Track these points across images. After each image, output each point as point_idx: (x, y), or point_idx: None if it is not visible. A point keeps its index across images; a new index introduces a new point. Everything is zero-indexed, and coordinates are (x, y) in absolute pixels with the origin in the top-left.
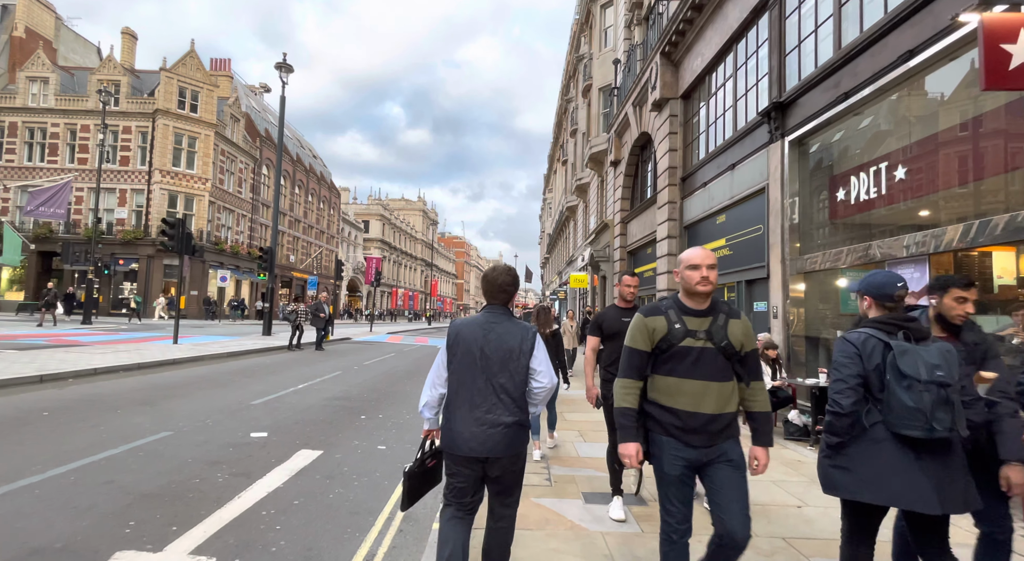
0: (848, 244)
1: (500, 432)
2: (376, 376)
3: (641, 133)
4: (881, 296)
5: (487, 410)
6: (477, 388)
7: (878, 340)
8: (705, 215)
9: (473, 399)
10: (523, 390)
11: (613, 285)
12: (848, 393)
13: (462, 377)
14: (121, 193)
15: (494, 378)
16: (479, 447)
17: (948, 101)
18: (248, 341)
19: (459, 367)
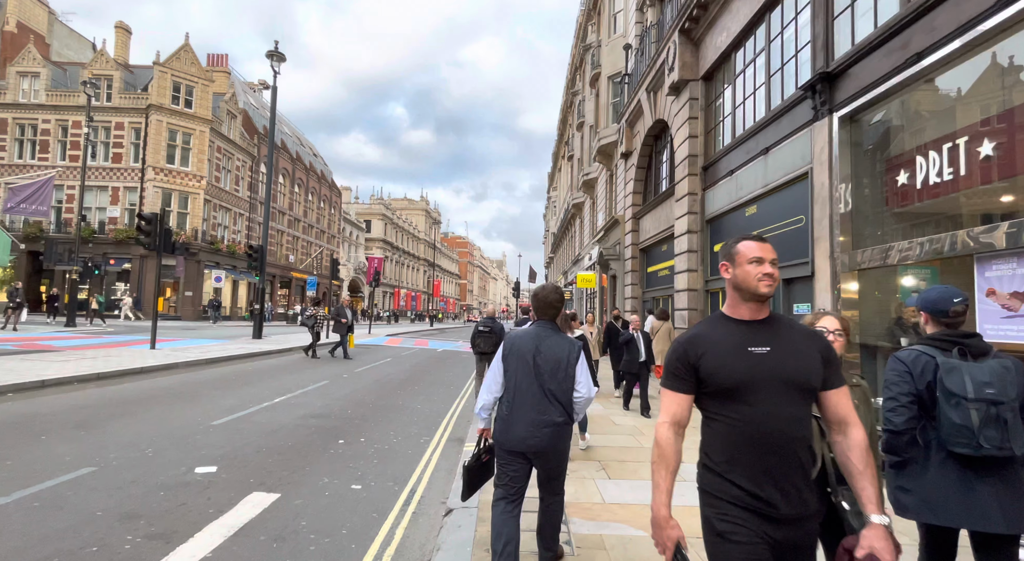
0: (915, 235)
1: (550, 430)
2: (366, 386)
3: (656, 121)
4: (936, 312)
5: (540, 412)
6: (531, 392)
7: (929, 357)
8: (732, 207)
9: (527, 401)
10: (570, 396)
11: (624, 285)
12: (901, 411)
13: (518, 382)
14: (114, 191)
15: (545, 384)
16: (532, 443)
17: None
18: (234, 345)
19: (514, 374)
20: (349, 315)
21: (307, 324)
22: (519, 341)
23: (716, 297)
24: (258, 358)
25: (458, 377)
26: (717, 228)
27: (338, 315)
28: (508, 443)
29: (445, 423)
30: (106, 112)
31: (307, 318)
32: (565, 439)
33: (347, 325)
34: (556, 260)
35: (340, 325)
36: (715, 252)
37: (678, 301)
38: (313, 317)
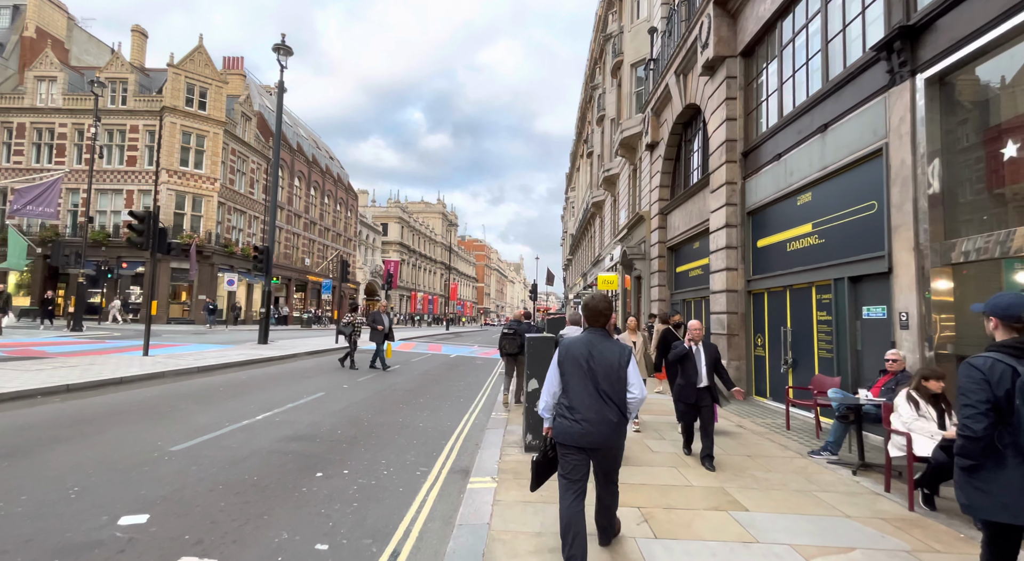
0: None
1: (607, 427)
2: (366, 399)
3: (686, 106)
4: (1008, 318)
5: (596, 411)
6: (587, 393)
7: (1006, 365)
8: (780, 195)
9: (584, 402)
10: (624, 396)
11: (650, 287)
12: (979, 418)
13: (574, 384)
14: (128, 194)
15: (600, 385)
16: (590, 439)
17: None
18: (235, 351)
19: (570, 377)
20: (386, 321)
21: (344, 332)
22: (573, 347)
23: (760, 299)
24: (257, 365)
25: (469, 387)
26: (761, 221)
27: (374, 321)
28: (568, 439)
29: (449, 447)
30: (120, 115)
31: (344, 325)
32: (620, 436)
33: (383, 332)
34: (575, 262)
35: (376, 332)
36: (758, 248)
37: (715, 303)
38: (351, 324)
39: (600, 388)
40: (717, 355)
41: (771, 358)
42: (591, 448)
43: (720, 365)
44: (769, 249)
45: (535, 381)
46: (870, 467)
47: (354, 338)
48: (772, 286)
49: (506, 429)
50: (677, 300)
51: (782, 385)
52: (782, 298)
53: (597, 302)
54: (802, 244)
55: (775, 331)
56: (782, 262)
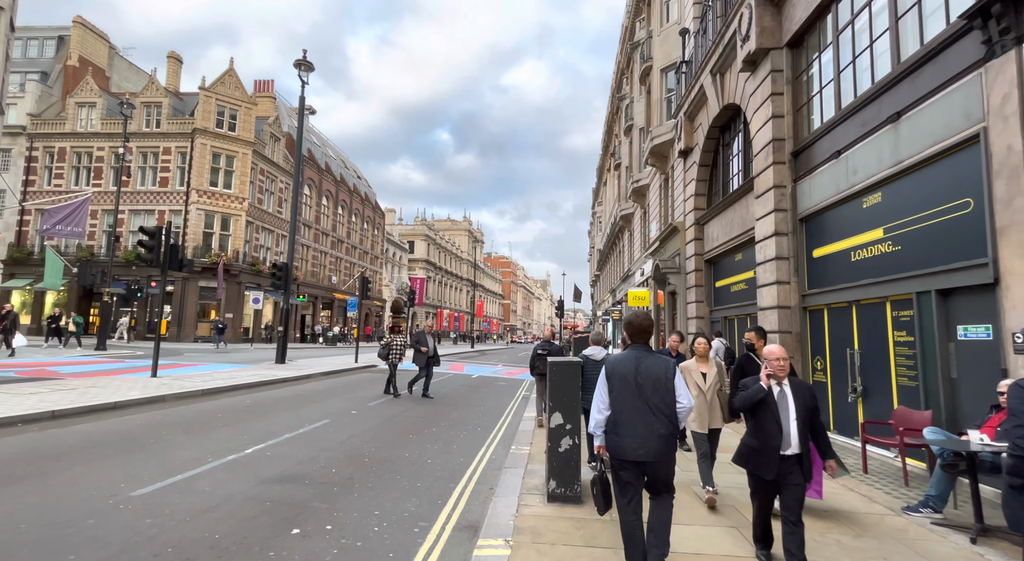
0: None
1: (658, 441)
2: (372, 428)
3: (724, 108)
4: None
5: (647, 425)
6: (637, 408)
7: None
8: (840, 198)
9: (634, 417)
10: (674, 408)
11: (687, 303)
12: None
13: (623, 400)
14: (160, 214)
15: (649, 400)
16: (642, 453)
17: None
18: (248, 372)
19: (619, 393)
20: (431, 343)
21: (382, 355)
22: (620, 364)
23: (818, 317)
24: (266, 388)
25: (489, 413)
26: (817, 227)
27: (417, 342)
28: (621, 454)
29: (458, 492)
30: (154, 138)
31: (383, 347)
32: (672, 447)
33: (427, 355)
34: (603, 278)
35: (419, 354)
36: (814, 258)
37: (764, 322)
38: (389, 346)
39: (649, 402)
40: (814, 402)
41: (834, 385)
42: (643, 462)
43: (817, 419)
44: (828, 260)
45: (559, 414)
46: (992, 532)
47: (393, 361)
48: (834, 302)
49: (526, 469)
50: (717, 317)
51: (849, 417)
52: (846, 315)
53: (640, 319)
54: (871, 252)
55: (839, 353)
56: (845, 274)
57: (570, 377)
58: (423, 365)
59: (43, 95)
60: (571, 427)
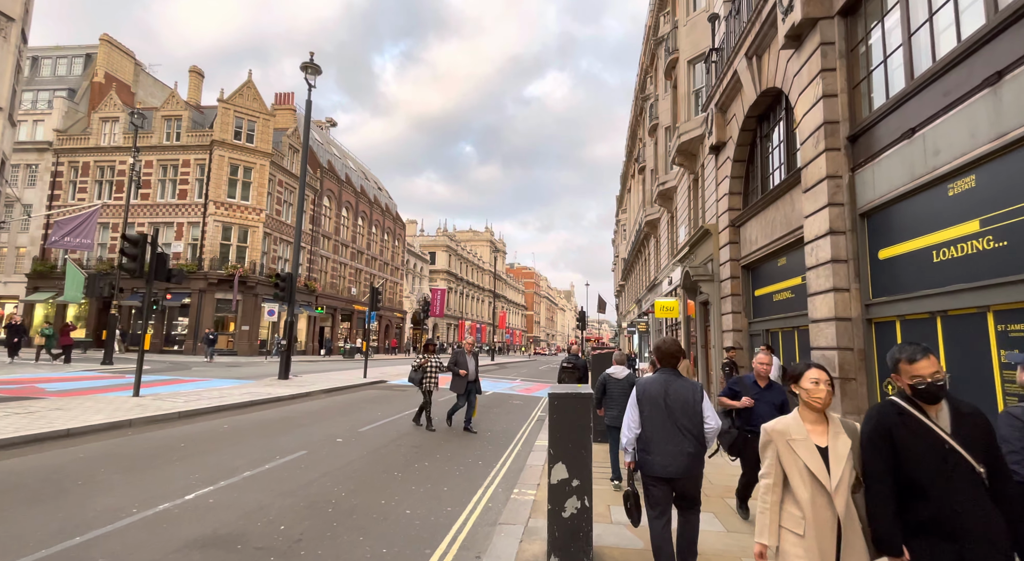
0: None
1: (686, 459)
2: (352, 463)
3: (762, 94)
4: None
5: (676, 444)
6: (666, 429)
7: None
8: (916, 186)
9: (664, 436)
10: (701, 429)
11: (721, 314)
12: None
13: (653, 421)
14: (179, 227)
15: (678, 421)
16: (671, 470)
17: None
18: (241, 390)
19: (649, 414)
20: (472, 365)
21: (414, 380)
22: (650, 387)
23: (888, 331)
24: (255, 408)
25: (495, 440)
26: (883, 223)
27: (456, 364)
28: (652, 471)
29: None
30: (174, 150)
31: (415, 370)
32: (700, 465)
33: (467, 379)
34: (627, 288)
35: (458, 380)
36: (881, 260)
37: (817, 336)
38: (422, 369)
39: (678, 423)
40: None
41: None
42: (672, 479)
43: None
44: (900, 261)
45: (562, 466)
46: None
47: (428, 387)
48: (909, 312)
49: (526, 527)
50: (757, 330)
51: None
52: (928, 329)
53: (668, 345)
54: (962, 250)
55: None
56: (925, 278)
57: (578, 415)
58: (463, 392)
59: (69, 111)
60: (579, 483)
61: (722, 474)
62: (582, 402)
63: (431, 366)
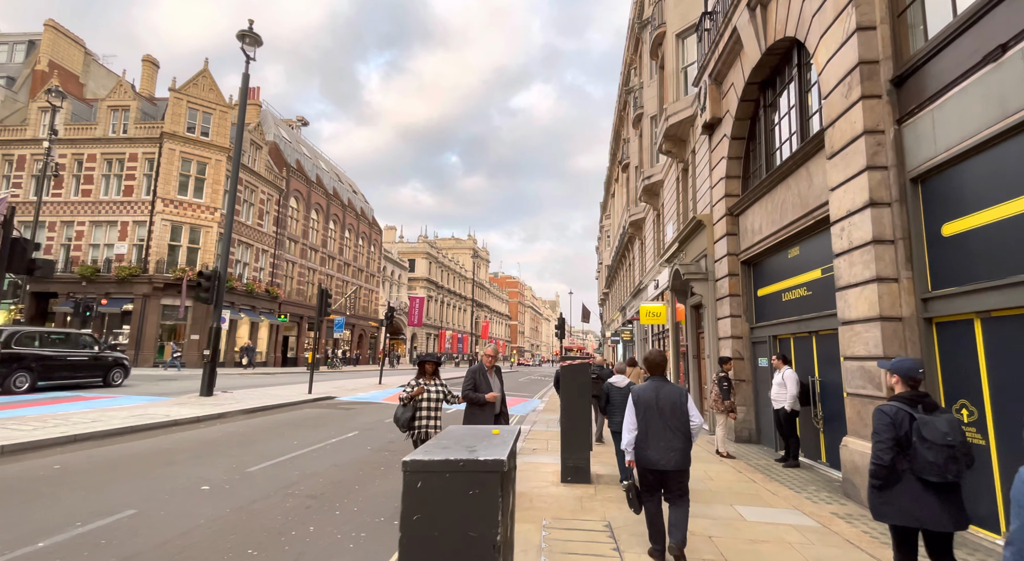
0: None
1: (676, 454)
2: (185, 534)
3: (768, 51)
4: (907, 377)
5: (667, 441)
6: (659, 428)
7: (905, 412)
8: (1007, 128)
9: (656, 434)
10: (688, 427)
11: (716, 318)
12: (887, 451)
13: (648, 422)
14: (123, 226)
15: (668, 421)
16: (663, 464)
17: None
18: (132, 413)
19: (644, 416)
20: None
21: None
22: (644, 393)
23: (958, 333)
24: (130, 437)
25: None
26: (946, 188)
27: (475, 388)
28: (646, 464)
29: None
30: (120, 143)
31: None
32: (687, 461)
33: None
34: (611, 295)
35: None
36: (944, 238)
37: (852, 343)
38: (414, 402)
39: (668, 423)
40: None
41: (1004, 450)
42: (664, 470)
43: None
44: (974, 239)
45: None
46: None
47: (423, 433)
48: (996, 308)
49: None
50: (762, 337)
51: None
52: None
53: (655, 357)
54: None
55: (1010, 395)
56: (1020, 260)
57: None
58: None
59: (6, 100)
60: None
61: None
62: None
63: (430, 396)
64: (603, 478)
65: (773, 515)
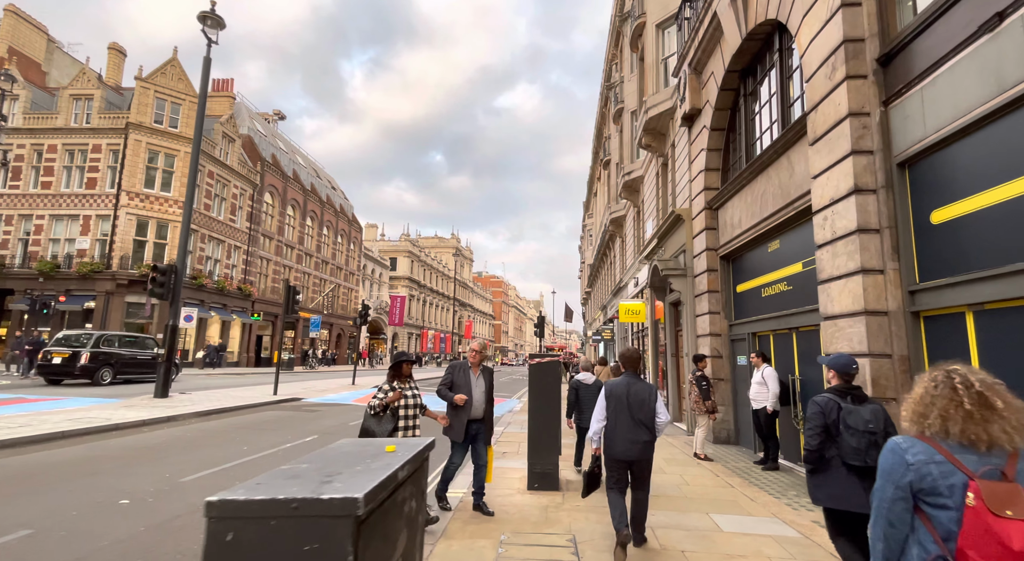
0: None
1: (641, 445)
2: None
3: (748, 36)
4: (842, 372)
5: (634, 434)
6: (626, 421)
7: (835, 402)
8: (1005, 102)
9: (625, 427)
10: (654, 422)
11: (695, 315)
12: (816, 437)
13: (617, 415)
14: (85, 220)
15: (635, 415)
16: (629, 455)
17: None
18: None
19: (614, 409)
20: (478, 390)
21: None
22: (616, 387)
23: (948, 328)
24: (61, 442)
25: None
26: (936, 172)
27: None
28: (613, 454)
29: None
30: (83, 134)
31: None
32: (651, 452)
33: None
34: (593, 295)
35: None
36: (933, 226)
37: (834, 339)
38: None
39: (636, 417)
40: None
41: None
42: (630, 461)
43: None
44: (970, 223)
45: None
46: None
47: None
48: (990, 300)
49: None
50: (741, 334)
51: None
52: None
53: (630, 353)
54: None
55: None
56: (1016, 249)
57: None
58: (461, 438)
59: None
60: None
61: None
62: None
63: (408, 402)
64: (573, 484)
65: (752, 525)
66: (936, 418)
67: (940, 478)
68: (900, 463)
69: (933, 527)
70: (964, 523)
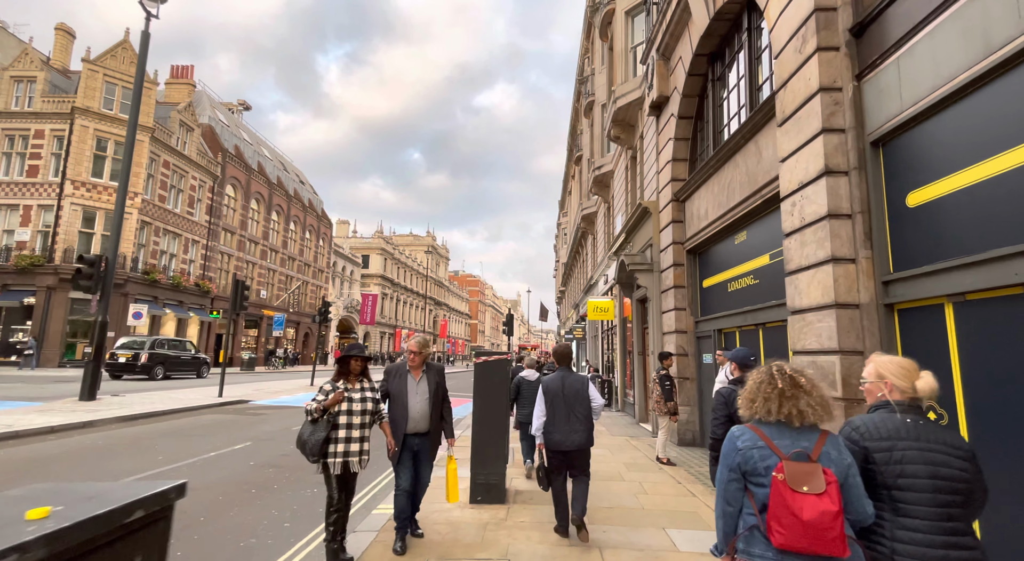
0: None
1: (579, 436)
2: None
3: (716, 16)
4: (742, 364)
5: (571, 425)
6: (564, 413)
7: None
8: (991, 66)
9: (561, 419)
10: (589, 412)
11: (661, 312)
12: (720, 426)
13: (555, 408)
14: (25, 210)
15: (572, 408)
16: (566, 445)
17: None
18: None
19: (552, 403)
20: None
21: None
22: (552, 382)
23: (926, 320)
24: None
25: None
26: (912, 150)
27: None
28: (553, 445)
29: None
30: (24, 118)
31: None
32: (589, 443)
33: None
34: (567, 293)
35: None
36: (909, 209)
37: (802, 335)
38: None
39: (573, 410)
40: None
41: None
42: (567, 451)
43: None
44: (951, 205)
45: None
46: None
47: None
48: (972, 289)
49: None
50: (706, 331)
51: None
52: (1015, 316)
53: (562, 349)
54: None
55: (987, 395)
56: (1005, 232)
57: None
58: (396, 456)
59: None
60: None
61: None
62: None
63: (353, 408)
64: (522, 495)
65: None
66: (761, 401)
67: (759, 460)
68: (732, 448)
69: (754, 502)
70: (771, 497)
